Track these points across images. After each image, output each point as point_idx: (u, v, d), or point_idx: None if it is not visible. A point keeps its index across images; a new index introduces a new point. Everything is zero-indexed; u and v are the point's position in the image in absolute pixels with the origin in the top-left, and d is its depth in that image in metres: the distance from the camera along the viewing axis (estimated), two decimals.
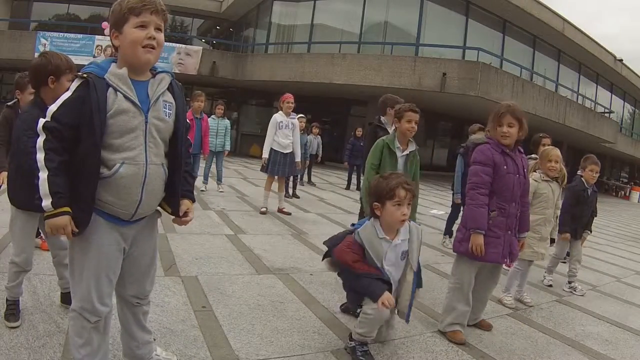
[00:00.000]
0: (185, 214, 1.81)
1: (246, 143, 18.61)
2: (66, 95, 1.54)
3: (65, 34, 17.45)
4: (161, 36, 1.62)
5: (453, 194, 5.59)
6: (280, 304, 3.04)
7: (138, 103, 1.58)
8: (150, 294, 1.93)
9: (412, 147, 3.52)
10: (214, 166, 7.49)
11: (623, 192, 27.47)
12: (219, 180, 7.63)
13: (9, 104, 2.70)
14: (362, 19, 16.16)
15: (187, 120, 1.87)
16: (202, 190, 7.17)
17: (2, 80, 19.97)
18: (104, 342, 1.75)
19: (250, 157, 16.22)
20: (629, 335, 3.44)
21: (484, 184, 2.78)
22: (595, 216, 4.75)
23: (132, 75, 1.60)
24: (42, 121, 1.52)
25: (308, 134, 9.58)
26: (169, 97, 1.70)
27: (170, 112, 1.69)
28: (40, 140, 1.51)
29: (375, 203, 2.40)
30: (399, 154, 3.48)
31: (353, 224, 2.62)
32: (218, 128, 7.28)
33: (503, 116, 2.81)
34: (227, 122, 7.56)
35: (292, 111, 6.16)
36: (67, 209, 1.53)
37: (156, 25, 1.59)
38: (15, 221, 2.38)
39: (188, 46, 17.84)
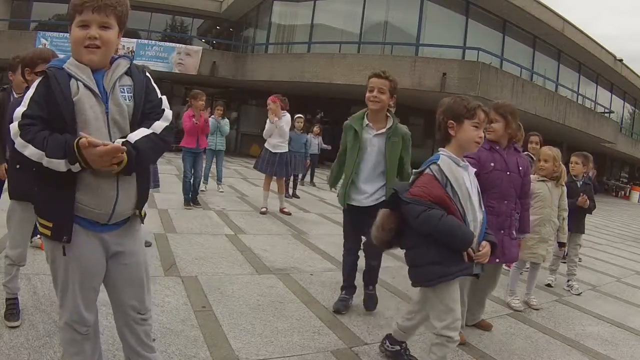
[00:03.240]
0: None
1: (246, 143, 18.60)
2: (30, 92, 1.49)
3: (65, 34, 17.38)
4: (108, 34, 1.52)
5: None
6: (280, 304, 3.05)
7: (97, 92, 1.53)
8: (150, 308, 1.79)
9: (391, 122, 2.95)
10: (214, 166, 7.49)
11: (623, 192, 27.46)
12: (218, 180, 7.63)
13: (4, 87, 2.74)
14: (362, 19, 16.14)
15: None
16: (202, 190, 7.17)
17: (2, 80, 19.97)
18: (96, 345, 1.73)
19: (250, 157, 16.22)
20: (629, 335, 3.44)
21: None
22: (594, 208, 4.71)
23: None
24: (14, 125, 1.43)
25: (308, 134, 9.57)
26: (126, 80, 1.61)
27: (130, 94, 1.60)
28: (19, 140, 1.42)
29: (451, 121, 2.14)
30: (368, 133, 2.95)
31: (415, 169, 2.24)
32: (218, 127, 7.28)
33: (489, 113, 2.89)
34: (226, 121, 7.56)
35: (283, 110, 6.20)
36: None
37: (100, 23, 1.50)
38: (12, 213, 2.38)
39: (188, 46, 17.82)
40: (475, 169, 2.23)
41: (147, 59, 15.73)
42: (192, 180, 6.02)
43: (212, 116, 7.29)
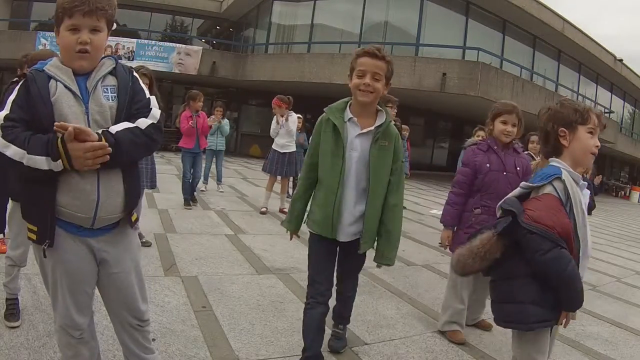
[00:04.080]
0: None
1: (246, 143, 18.61)
2: (12, 96, 1.49)
3: None
4: (97, 38, 1.51)
5: None
6: (280, 304, 3.05)
7: (78, 93, 1.50)
8: (148, 314, 1.77)
9: (382, 119, 2.13)
10: (214, 166, 7.50)
11: (623, 192, 27.47)
12: (218, 180, 7.63)
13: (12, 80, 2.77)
14: (362, 19, 16.16)
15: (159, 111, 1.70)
16: (202, 190, 7.17)
17: (2, 80, 19.97)
18: (94, 347, 1.71)
19: (250, 157, 16.22)
20: (629, 335, 3.44)
21: (458, 184, 2.92)
22: (594, 208, 4.72)
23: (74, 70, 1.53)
24: None
25: (310, 135, 9.54)
26: (110, 80, 1.57)
27: (113, 94, 1.56)
28: (1, 141, 1.40)
29: (562, 129, 1.74)
30: (350, 132, 2.10)
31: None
32: (218, 128, 7.28)
33: (510, 115, 2.85)
34: (226, 120, 7.56)
35: (288, 109, 6.17)
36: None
37: (91, 27, 1.48)
38: (13, 214, 2.39)
39: (188, 46, 17.82)
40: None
41: (147, 59, 15.73)
42: (190, 180, 6.02)
43: (212, 117, 7.28)
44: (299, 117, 7.86)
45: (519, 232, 1.63)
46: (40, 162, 1.39)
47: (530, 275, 1.65)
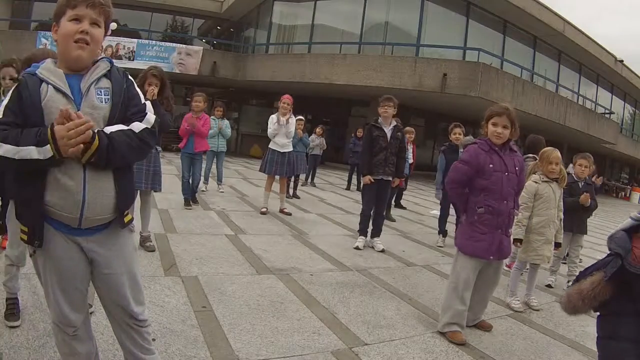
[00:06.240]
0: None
1: (246, 143, 18.62)
2: (5, 100, 1.50)
3: None
4: (97, 32, 1.54)
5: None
6: (280, 304, 3.04)
7: (70, 95, 1.49)
8: (144, 315, 1.75)
9: None
10: (214, 166, 7.50)
11: (623, 193, 27.45)
12: (219, 180, 7.63)
13: None
14: (363, 19, 16.16)
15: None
16: (203, 191, 7.18)
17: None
18: (90, 346, 1.71)
19: (250, 158, 16.22)
20: None
21: (455, 182, 2.94)
22: (596, 207, 4.72)
23: (68, 71, 1.54)
24: None
25: (309, 135, 9.57)
26: (104, 82, 1.57)
27: (107, 97, 1.56)
28: None
29: None
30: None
31: None
32: (220, 131, 7.28)
33: (500, 117, 2.89)
34: (226, 122, 7.56)
35: (290, 111, 6.20)
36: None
37: (92, 20, 1.52)
38: (10, 213, 2.39)
39: (188, 46, 17.85)
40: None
41: (147, 59, 15.73)
42: (190, 181, 6.02)
43: (212, 117, 7.28)
44: (300, 119, 7.87)
45: (628, 274, 1.47)
46: (30, 151, 1.39)
47: (637, 314, 1.52)
